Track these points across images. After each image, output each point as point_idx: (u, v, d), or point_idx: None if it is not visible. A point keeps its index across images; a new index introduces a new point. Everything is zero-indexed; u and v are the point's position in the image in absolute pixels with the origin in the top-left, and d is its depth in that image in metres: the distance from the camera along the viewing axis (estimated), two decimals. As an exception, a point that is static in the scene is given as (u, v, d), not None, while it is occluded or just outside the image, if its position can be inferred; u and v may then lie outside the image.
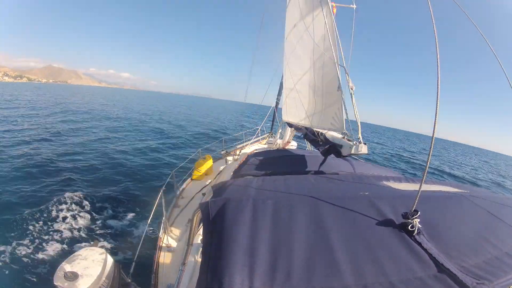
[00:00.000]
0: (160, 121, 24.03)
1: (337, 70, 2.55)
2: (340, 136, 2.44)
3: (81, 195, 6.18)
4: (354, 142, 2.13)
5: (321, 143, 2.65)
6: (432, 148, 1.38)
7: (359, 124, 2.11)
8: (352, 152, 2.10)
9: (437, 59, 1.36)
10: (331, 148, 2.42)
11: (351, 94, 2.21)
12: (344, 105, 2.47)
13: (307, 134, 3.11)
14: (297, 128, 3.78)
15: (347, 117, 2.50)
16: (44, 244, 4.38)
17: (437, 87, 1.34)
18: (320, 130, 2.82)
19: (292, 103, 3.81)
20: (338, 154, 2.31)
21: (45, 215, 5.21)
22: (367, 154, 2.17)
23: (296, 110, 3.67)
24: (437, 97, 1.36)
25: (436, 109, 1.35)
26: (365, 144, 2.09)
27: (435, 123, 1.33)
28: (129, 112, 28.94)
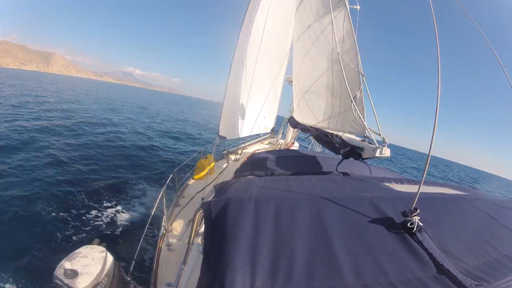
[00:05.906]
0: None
1: (360, 72, 2.52)
2: (358, 138, 2.45)
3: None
4: (377, 145, 2.13)
5: (337, 145, 2.63)
6: (431, 148, 1.38)
7: (379, 126, 2.14)
8: (377, 155, 2.11)
9: (438, 62, 1.35)
10: (351, 151, 2.41)
11: (369, 97, 2.23)
12: (356, 108, 2.46)
13: (319, 136, 3.07)
14: (304, 129, 3.74)
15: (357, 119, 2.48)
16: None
17: (438, 89, 1.34)
18: (335, 132, 2.78)
19: (305, 105, 3.75)
20: (359, 157, 2.31)
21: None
22: (389, 157, 2.19)
23: (309, 111, 3.60)
24: (437, 97, 1.36)
25: (436, 108, 1.35)
26: (387, 147, 2.09)
27: (435, 122, 1.33)
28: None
